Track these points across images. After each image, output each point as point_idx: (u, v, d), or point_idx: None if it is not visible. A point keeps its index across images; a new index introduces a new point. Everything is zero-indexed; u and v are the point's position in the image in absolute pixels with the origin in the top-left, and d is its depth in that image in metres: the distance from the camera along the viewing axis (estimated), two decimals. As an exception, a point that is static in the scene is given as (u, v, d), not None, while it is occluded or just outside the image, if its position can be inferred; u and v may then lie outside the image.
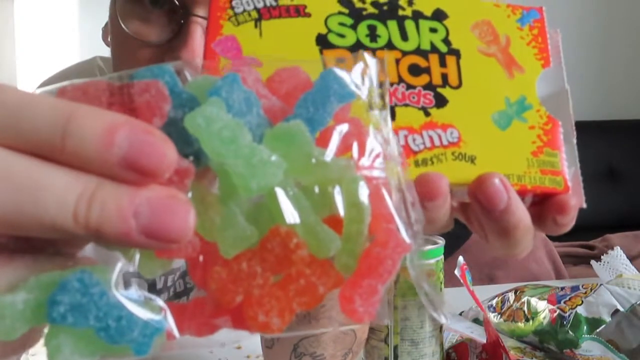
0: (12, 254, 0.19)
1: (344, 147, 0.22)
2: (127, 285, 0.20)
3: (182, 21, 0.51)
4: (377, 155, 0.22)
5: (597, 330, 0.63)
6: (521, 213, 0.30)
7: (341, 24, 0.30)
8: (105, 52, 0.63)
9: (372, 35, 0.31)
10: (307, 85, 0.22)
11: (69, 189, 0.18)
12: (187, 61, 0.49)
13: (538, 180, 0.31)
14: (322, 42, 0.30)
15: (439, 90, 0.30)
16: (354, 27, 0.30)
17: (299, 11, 0.30)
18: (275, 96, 0.22)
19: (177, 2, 0.50)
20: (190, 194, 0.20)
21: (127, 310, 0.18)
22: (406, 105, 0.30)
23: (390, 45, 0.30)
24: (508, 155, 0.31)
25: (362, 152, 0.22)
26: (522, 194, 0.31)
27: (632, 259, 0.79)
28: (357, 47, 0.30)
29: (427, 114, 0.30)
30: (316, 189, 0.21)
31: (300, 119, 0.21)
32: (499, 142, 0.31)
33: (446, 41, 0.32)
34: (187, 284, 0.79)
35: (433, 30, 0.31)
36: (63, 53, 2.20)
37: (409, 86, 0.30)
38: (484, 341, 0.61)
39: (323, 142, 0.21)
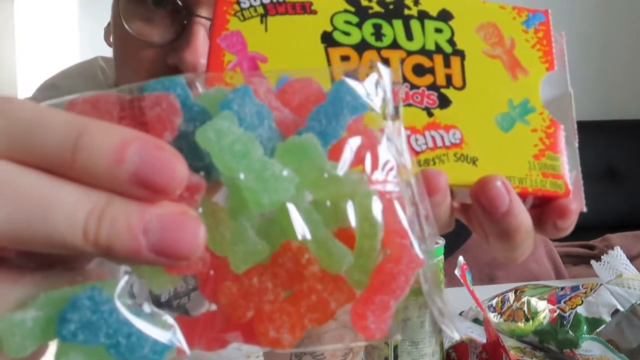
0: (21, 270, 0.19)
1: (357, 160, 0.21)
2: (130, 293, 0.20)
3: (185, 22, 0.51)
4: (391, 168, 0.22)
5: (597, 330, 0.63)
6: (523, 216, 0.30)
7: (347, 22, 0.30)
8: (106, 52, 0.63)
9: (378, 34, 0.30)
10: (320, 97, 0.22)
11: (78, 206, 0.17)
12: (195, 69, 0.49)
13: (539, 183, 0.31)
14: (327, 39, 0.30)
15: (443, 90, 0.30)
16: (359, 25, 0.30)
17: (305, 8, 0.30)
18: (287, 107, 0.22)
19: (180, 3, 0.50)
20: (200, 209, 0.20)
21: (137, 327, 0.18)
22: (409, 105, 0.30)
23: (395, 45, 0.30)
24: (510, 158, 0.31)
25: (375, 165, 0.22)
26: (523, 196, 0.31)
27: (632, 258, 0.79)
28: (362, 45, 0.30)
29: (430, 114, 0.30)
30: (328, 203, 0.21)
31: (313, 132, 0.21)
32: (501, 144, 0.31)
33: (451, 42, 0.31)
34: (188, 284, 0.79)
35: (438, 31, 0.31)
36: (63, 53, 2.20)
37: (413, 86, 0.30)
38: (484, 341, 0.61)
39: (335, 155, 0.21)
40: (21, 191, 0.17)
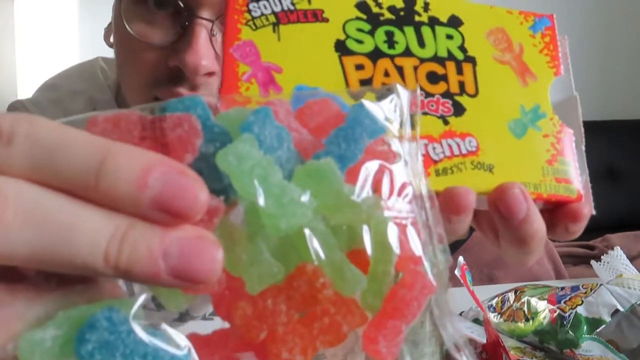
0: (40, 287, 0.19)
1: (374, 184, 0.21)
2: (128, 283, 0.20)
3: (187, 23, 0.51)
4: (407, 193, 0.22)
5: (597, 330, 0.63)
6: (539, 223, 0.30)
7: (359, 29, 0.30)
8: (106, 52, 0.63)
9: (390, 41, 0.30)
10: (338, 118, 0.22)
11: (100, 229, 0.18)
12: (197, 71, 0.49)
13: (553, 188, 0.31)
14: (341, 48, 0.29)
15: (457, 98, 0.30)
16: (371, 33, 0.30)
17: (317, 16, 0.29)
18: (306, 128, 0.22)
19: (181, 4, 0.50)
20: (217, 229, 0.20)
21: (152, 347, 0.18)
22: (425, 113, 0.29)
23: (408, 52, 0.30)
24: (525, 164, 0.31)
25: (391, 189, 0.22)
26: (537, 201, 0.31)
27: (632, 259, 0.79)
28: (375, 53, 0.29)
29: (445, 122, 0.30)
30: (344, 228, 0.21)
31: (331, 155, 0.21)
32: (516, 150, 0.31)
33: (462, 48, 0.31)
34: None
35: (449, 37, 0.31)
36: (63, 53, 2.20)
37: (428, 94, 0.30)
38: (484, 341, 0.61)
39: (352, 178, 0.21)
40: (44, 214, 0.17)
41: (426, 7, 0.31)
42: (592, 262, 0.77)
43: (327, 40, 0.29)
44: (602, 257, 0.76)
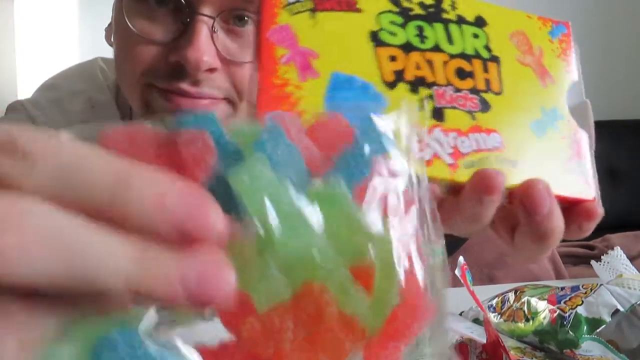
0: (53, 301, 0.19)
1: (381, 202, 0.22)
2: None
3: (188, 20, 0.51)
4: (412, 211, 0.23)
5: (597, 330, 0.63)
6: (559, 220, 0.31)
7: (392, 22, 0.30)
8: (106, 52, 0.63)
9: (421, 35, 0.31)
10: (348, 135, 0.22)
11: (120, 253, 0.18)
12: (198, 67, 0.49)
13: (571, 187, 0.32)
14: (375, 39, 0.30)
15: (483, 95, 0.31)
16: (403, 26, 0.30)
17: (350, 5, 0.30)
18: (316, 144, 0.22)
19: (182, 1, 0.50)
20: (228, 246, 0.20)
21: None
22: (454, 107, 0.30)
23: (437, 48, 0.31)
24: (545, 162, 0.32)
25: (397, 207, 0.22)
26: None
27: (632, 259, 0.79)
28: (407, 46, 0.30)
29: (473, 117, 0.30)
30: (350, 247, 0.21)
31: (341, 174, 0.21)
32: (537, 149, 0.32)
33: (487, 48, 0.32)
34: None
35: (475, 36, 0.32)
36: (63, 53, 2.20)
37: (457, 89, 0.30)
38: (484, 341, 0.61)
39: (360, 197, 0.21)
40: (62, 236, 0.17)
41: (453, 5, 0.32)
42: (592, 262, 0.77)
43: (362, 30, 0.29)
44: (602, 257, 0.76)
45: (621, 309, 0.64)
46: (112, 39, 0.58)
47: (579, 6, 2.60)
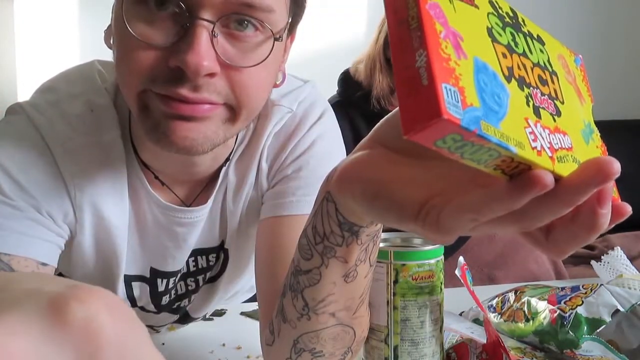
0: None
1: None
2: (128, 286, 0.20)
3: (188, 24, 0.51)
4: None
5: (598, 330, 0.63)
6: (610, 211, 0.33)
7: (497, 23, 0.32)
8: (106, 52, 0.63)
9: (514, 41, 0.32)
10: None
11: None
12: (198, 72, 0.50)
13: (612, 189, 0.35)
14: (491, 35, 0.31)
15: (555, 102, 0.33)
16: (503, 29, 0.32)
17: (472, 0, 0.31)
18: None
19: (182, 5, 0.50)
20: None
21: None
22: (543, 108, 0.32)
23: (525, 54, 0.33)
24: None
25: None
26: None
27: (632, 259, 0.79)
28: (509, 47, 0.32)
29: (554, 119, 0.33)
30: None
31: None
32: (587, 154, 0.34)
33: (549, 63, 0.35)
34: (189, 286, 0.79)
35: (541, 51, 0.35)
36: (63, 53, 2.20)
37: (542, 93, 0.32)
38: (484, 341, 0.61)
39: None
40: None
41: (524, 22, 0.35)
42: (593, 262, 0.77)
43: (482, 24, 0.31)
44: (602, 257, 0.76)
45: (621, 309, 0.64)
46: (111, 42, 0.58)
47: (580, 7, 2.60)
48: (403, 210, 0.37)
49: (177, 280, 0.77)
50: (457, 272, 0.62)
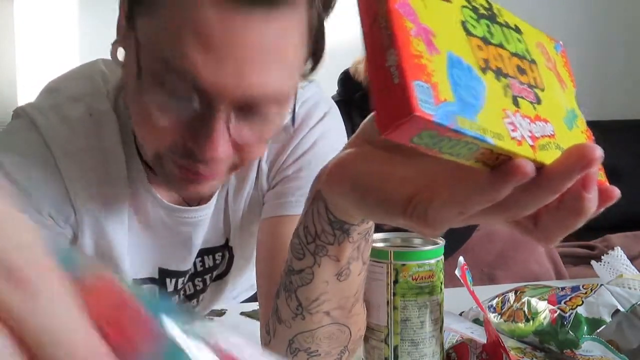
0: None
1: None
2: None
3: (205, 113, 0.51)
4: None
5: (598, 330, 0.63)
6: (596, 196, 0.33)
7: (470, 16, 0.32)
8: (105, 53, 0.63)
9: (490, 32, 0.32)
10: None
11: None
12: (212, 164, 0.53)
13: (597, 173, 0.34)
14: (465, 28, 0.31)
15: (535, 90, 0.33)
16: (477, 21, 0.32)
17: None
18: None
19: (197, 98, 0.51)
20: None
21: None
22: (522, 97, 0.32)
23: (501, 45, 0.33)
24: None
25: None
26: None
27: (632, 259, 0.79)
28: (485, 39, 0.32)
29: (534, 108, 0.33)
30: None
31: None
32: (570, 140, 0.34)
33: (528, 52, 0.35)
34: (197, 287, 0.80)
35: (519, 41, 0.35)
36: (63, 53, 2.20)
37: (521, 82, 0.33)
38: (484, 341, 0.61)
39: None
40: None
41: (500, 12, 0.35)
42: (593, 262, 0.77)
43: (455, 19, 0.31)
44: (602, 257, 0.76)
45: (621, 309, 0.64)
46: (119, 57, 0.58)
47: (579, 7, 2.60)
48: (391, 205, 0.37)
49: (185, 280, 0.77)
50: (457, 272, 0.62)
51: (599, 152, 0.30)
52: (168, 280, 0.75)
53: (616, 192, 0.35)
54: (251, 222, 0.74)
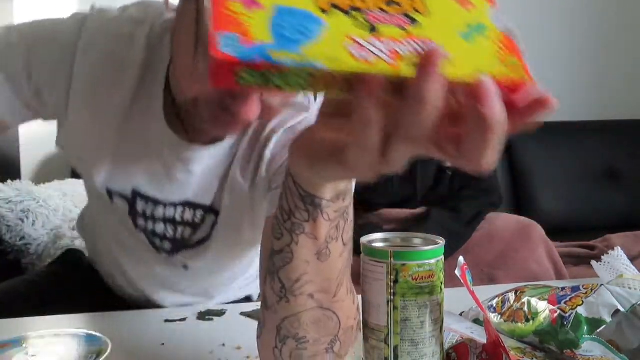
0: None
1: None
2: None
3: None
4: None
5: (598, 330, 0.63)
6: (502, 107, 0.34)
7: None
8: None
9: None
10: None
11: None
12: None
13: (508, 72, 0.36)
14: None
15: (411, 14, 0.35)
16: None
17: None
18: None
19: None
20: None
21: None
22: (385, 24, 0.34)
23: None
24: (479, 59, 0.36)
25: None
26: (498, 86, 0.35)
27: (632, 259, 0.79)
28: None
29: (404, 30, 0.34)
30: None
31: None
32: (469, 50, 0.36)
33: None
34: (167, 232, 0.83)
35: None
36: (63, 53, 2.20)
37: (385, 12, 0.35)
38: (485, 341, 0.61)
39: None
40: None
41: None
42: (593, 262, 0.76)
43: None
44: (602, 257, 0.76)
45: (621, 309, 0.64)
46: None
47: (579, 6, 2.60)
48: (338, 158, 0.39)
49: (157, 214, 0.80)
50: (457, 272, 0.62)
51: (437, 52, 0.32)
52: (139, 200, 0.79)
53: (549, 101, 0.34)
54: (242, 200, 0.77)
